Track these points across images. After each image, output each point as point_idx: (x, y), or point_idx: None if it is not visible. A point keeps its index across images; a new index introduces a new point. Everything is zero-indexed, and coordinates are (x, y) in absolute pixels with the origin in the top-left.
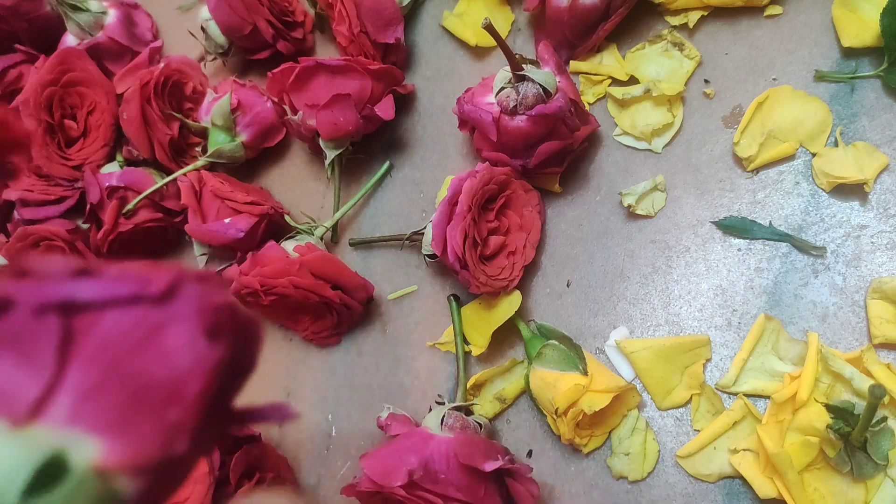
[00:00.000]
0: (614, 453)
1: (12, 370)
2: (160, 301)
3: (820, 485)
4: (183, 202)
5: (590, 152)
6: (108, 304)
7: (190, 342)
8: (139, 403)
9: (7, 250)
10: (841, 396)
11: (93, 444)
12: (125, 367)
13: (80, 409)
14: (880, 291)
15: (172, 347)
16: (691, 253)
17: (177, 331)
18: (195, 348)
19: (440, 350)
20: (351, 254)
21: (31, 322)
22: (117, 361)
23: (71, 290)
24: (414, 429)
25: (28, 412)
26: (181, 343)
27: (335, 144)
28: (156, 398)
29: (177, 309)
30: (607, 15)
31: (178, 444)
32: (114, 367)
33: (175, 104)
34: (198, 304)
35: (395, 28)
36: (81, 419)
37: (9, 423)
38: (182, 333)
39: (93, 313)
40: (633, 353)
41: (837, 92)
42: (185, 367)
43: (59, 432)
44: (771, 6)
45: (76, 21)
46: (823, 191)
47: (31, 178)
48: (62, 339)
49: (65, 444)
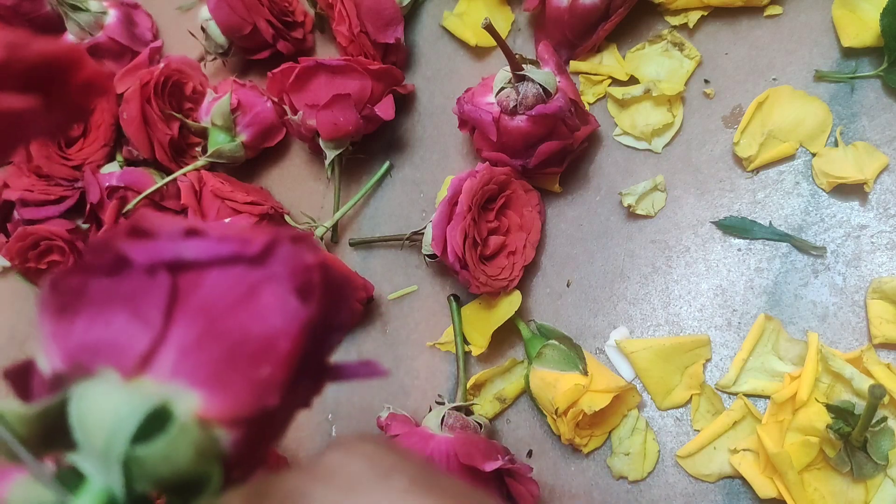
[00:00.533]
0: (614, 453)
1: (124, 325)
2: (257, 261)
3: (820, 485)
4: (183, 202)
5: (590, 152)
6: (212, 264)
7: (282, 302)
8: (235, 359)
9: (7, 250)
10: (841, 396)
11: (193, 396)
12: (223, 325)
13: (182, 363)
14: (880, 291)
15: (267, 306)
16: (691, 253)
17: (271, 290)
18: (287, 308)
19: (440, 350)
20: (351, 254)
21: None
22: (216, 319)
23: (180, 249)
24: (414, 429)
25: (137, 365)
26: (275, 303)
27: (335, 144)
28: (250, 354)
29: (272, 269)
30: (607, 15)
31: (271, 398)
32: (213, 324)
33: (175, 104)
34: (291, 265)
35: (395, 28)
36: (184, 373)
37: (120, 375)
38: (276, 293)
39: (197, 272)
40: (633, 353)
41: (837, 92)
42: (277, 326)
43: (165, 384)
44: (771, 6)
45: (76, 21)
46: (823, 191)
47: (31, 178)
48: (170, 296)
49: (169, 395)
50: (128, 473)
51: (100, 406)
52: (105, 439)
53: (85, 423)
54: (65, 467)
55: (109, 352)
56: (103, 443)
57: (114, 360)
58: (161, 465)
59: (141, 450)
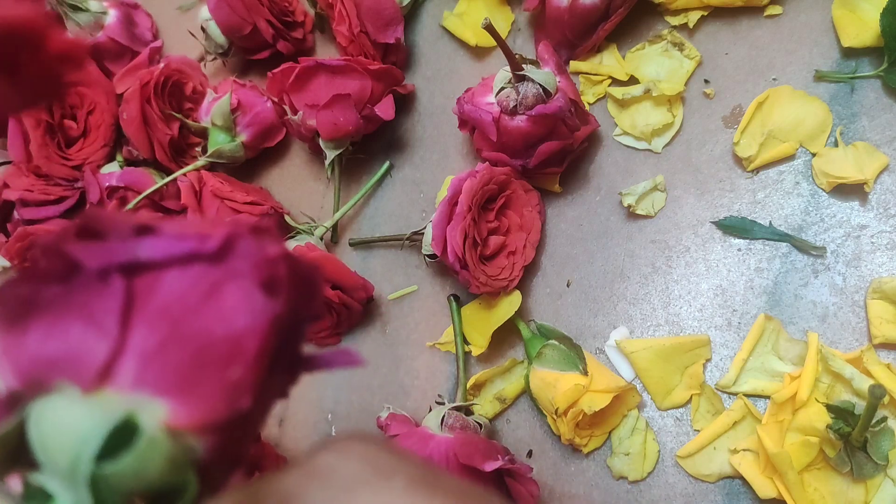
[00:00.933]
0: (614, 453)
1: (80, 335)
2: (217, 258)
3: (820, 485)
4: (183, 202)
5: (590, 152)
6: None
7: (247, 300)
8: (201, 363)
9: (7, 250)
10: (841, 396)
11: (160, 406)
12: (185, 328)
13: (145, 371)
14: (880, 291)
15: (230, 306)
16: (691, 253)
17: (234, 288)
18: (252, 305)
19: (440, 350)
20: (351, 254)
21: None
22: (178, 322)
23: (133, 250)
24: (414, 429)
25: (97, 377)
26: (239, 301)
27: (335, 144)
28: (217, 357)
29: (233, 265)
30: (607, 15)
31: (243, 400)
32: (175, 328)
33: (175, 104)
34: (254, 260)
35: (395, 28)
36: (148, 382)
37: (80, 389)
38: (239, 291)
39: (153, 273)
40: (633, 353)
41: (837, 92)
42: (243, 326)
43: (128, 396)
44: (771, 6)
45: (76, 21)
46: (823, 191)
47: (31, 178)
48: (125, 301)
49: (134, 406)
50: (96, 492)
51: (61, 424)
52: (69, 459)
53: (46, 443)
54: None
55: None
56: (68, 462)
57: (72, 373)
58: (131, 481)
59: (108, 467)
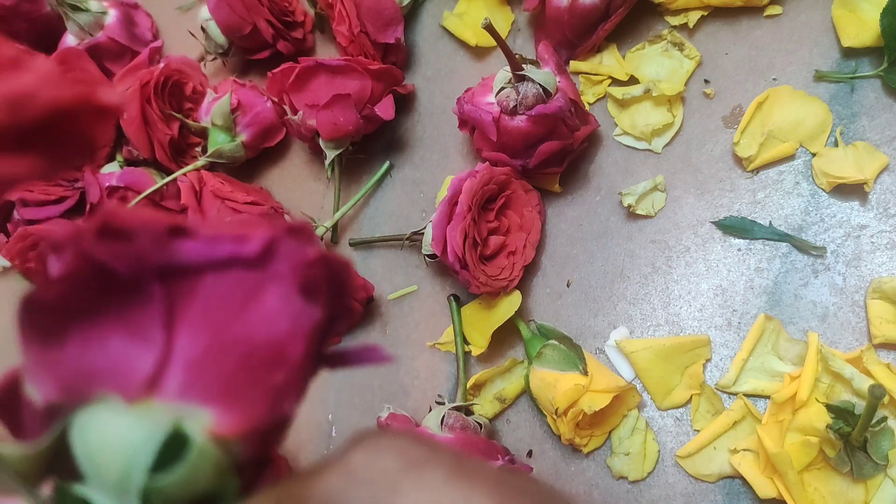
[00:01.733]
0: (614, 453)
1: (122, 344)
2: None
3: (820, 485)
4: (183, 202)
5: (590, 152)
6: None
7: (288, 303)
8: (245, 370)
9: (7, 250)
10: (841, 396)
11: (207, 414)
12: (228, 334)
13: (191, 380)
14: (880, 291)
15: (272, 310)
16: (691, 253)
17: (274, 292)
18: (294, 309)
19: (440, 350)
20: (351, 254)
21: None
22: (220, 328)
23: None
24: (414, 429)
25: (144, 387)
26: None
27: (335, 144)
28: (260, 363)
29: (273, 268)
30: (607, 15)
31: (287, 405)
32: (217, 335)
33: (175, 104)
34: (293, 262)
35: (395, 28)
36: (194, 390)
37: (124, 399)
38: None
39: (191, 278)
40: (633, 353)
41: (837, 92)
42: (286, 330)
43: (174, 405)
44: (771, 6)
45: (76, 21)
46: (823, 191)
47: None
48: (166, 307)
49: (181, 416)
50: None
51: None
52: (120, 471)
53: (93, 455)
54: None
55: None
56: (118, 474)
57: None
58: (181, 491)
59: (161, 479)
